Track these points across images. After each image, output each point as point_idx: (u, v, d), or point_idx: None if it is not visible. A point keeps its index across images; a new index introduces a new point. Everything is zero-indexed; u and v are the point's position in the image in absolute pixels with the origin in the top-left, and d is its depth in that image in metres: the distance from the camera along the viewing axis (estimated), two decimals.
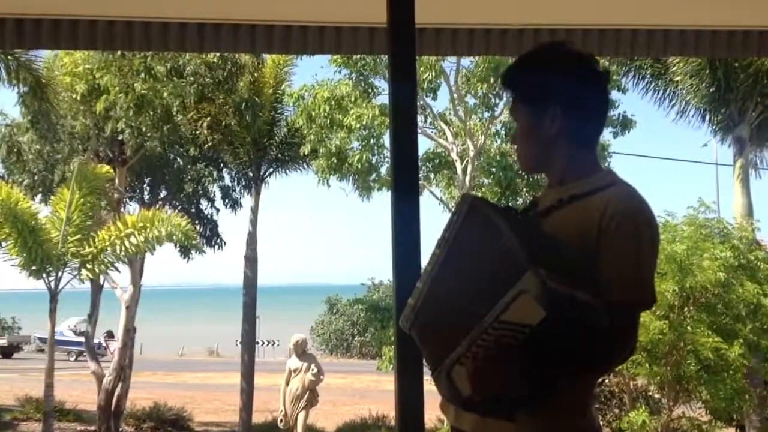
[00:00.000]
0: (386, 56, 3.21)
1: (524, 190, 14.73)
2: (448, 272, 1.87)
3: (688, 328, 9.51)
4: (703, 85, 13.51)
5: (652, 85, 14.44)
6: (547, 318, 1.63)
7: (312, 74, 19.82)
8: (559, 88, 1.95)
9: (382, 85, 15.00)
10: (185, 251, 17.19)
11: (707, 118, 14.28)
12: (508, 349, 1.69)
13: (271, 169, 18.02)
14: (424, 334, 1.94)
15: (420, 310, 1.92)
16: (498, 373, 1.71)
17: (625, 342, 1.82)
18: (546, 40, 3.73)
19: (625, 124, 16.23)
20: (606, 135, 16.90)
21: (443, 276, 1.88)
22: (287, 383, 11.76)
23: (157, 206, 17.17)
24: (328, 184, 15.25)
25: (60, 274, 14.31)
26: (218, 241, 18.93)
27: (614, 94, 16.04)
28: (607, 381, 11.55)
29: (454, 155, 15.08)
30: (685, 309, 9.83)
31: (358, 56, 13.98)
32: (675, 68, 13.62)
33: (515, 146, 2.09)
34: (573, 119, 1.95)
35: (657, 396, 10.69)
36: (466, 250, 1.85)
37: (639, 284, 1.82)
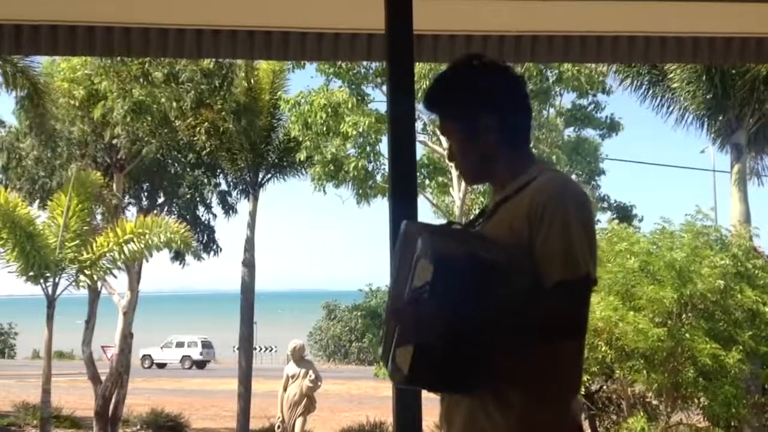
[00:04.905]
0: (377, 64, 3.22)
1: None
2: (397, 294, 1.96)
3: (686, 334, 9.51)
4: (701, 91, 13.51)
5: (650, 91, 14.45)
6: (437, 270, 1.75)
7: (304, 84, 19.81)
8: (486, 98, 1.99)
9: (373, 93, 15.13)
10: (181, 257, 17.19)
11: (705, 124, 14.29)
12: (417, 303, 1.80)
13: (269, 175, 18.02)
14: (384, 354, 2.02)
15: (385, 334, 2.02)
16: (412, 322, 1.81)
17: (567, 320, 1.84)
18: (542, 46, 3.75)
19: (612, 126, 16.34)
20: (596, 138, 17.05)
21: (394, 299, 1.99)
22: (285, 389, 11.72)
23: (155, 212, 17.18)
24: (324, 191, 15.29)
25: (57, 280, 14.30)
26: (215, 247, 18.94)
27: (600, 97, 16.30)
28: (605, 387, 11.54)
29: (448, 161, 15.09)
30: (683, 316, 9.83)
31: (347, 64, 13.99)
32: (672, 75, 13.63)
33: (453, 163, 2.12)
34: (505, 125, 2.00)
35: (655, 402, 10.68)
36: (405, 270, 1.92)
37: (572, 263, 1.83)
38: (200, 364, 35.20)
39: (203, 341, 36.75)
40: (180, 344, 36.24)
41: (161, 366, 34.85)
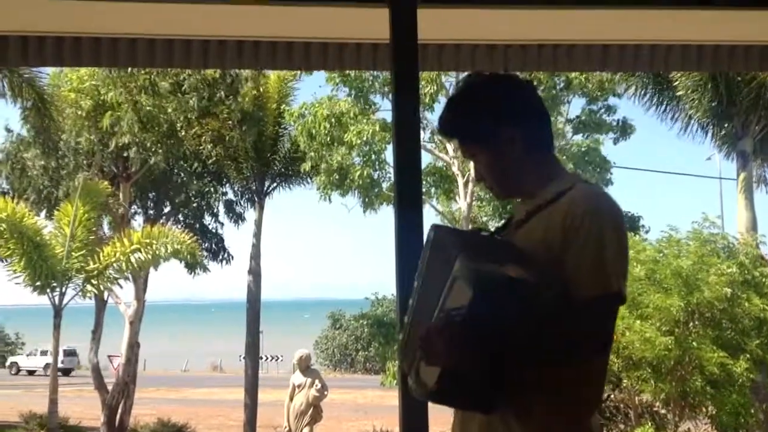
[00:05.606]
0: (386, 72, 3.23)
1: None
2: (424, 300, 1.93)
3: (694, 343, 9.47)
4: (706, 99, 13.50)
5: (655, 99, 14.44)
6: (477, 296, 1.70)
7: (311, 93, 19.86)
8: (499, 110, 1.97)
9: (380, 102, 15.16)
10: (190, 267, 17.21)
11: (710, 132, 14.28)
12: (450, 327, 1.75)
13: (275, 184, 18.06)
14: (406, 358, 2.00)
15: (407, 341, 1.98)
16: (442, 345, 1.76)
17: (595, 336, 1.84)
18: (548, 55, 3.75)
19: (624, 129, 16.32)
20: (606, 142, 17.02)
21: (421, 305, 1.95)
22: (291, 399, 11.70)
23: (162, 221, 17.22)
24: (329, 200, 15.32)
25: (64, 289, 14.33)
26: (225, 255, 18.94)
27: (611, 100, 16.26)
28: (612, 396, 11.49)
29: (455, 169, 15.12)
30: (690, 324, 9.80)
31: (356, 73, 14.03)
32: (677, 83, 13.62)
33: (483, 182, 2.08)
34: (525, 132, 1.98)
35: (663, 412, 10.63)
36: (434, 276, 1.90)
37: (604, 279, 1.81)
38: (64, 372, 35.78)
39: (66, 349, 37.32)
40: (44, 352, 36.81)
41: (31, 372, 35.76)
